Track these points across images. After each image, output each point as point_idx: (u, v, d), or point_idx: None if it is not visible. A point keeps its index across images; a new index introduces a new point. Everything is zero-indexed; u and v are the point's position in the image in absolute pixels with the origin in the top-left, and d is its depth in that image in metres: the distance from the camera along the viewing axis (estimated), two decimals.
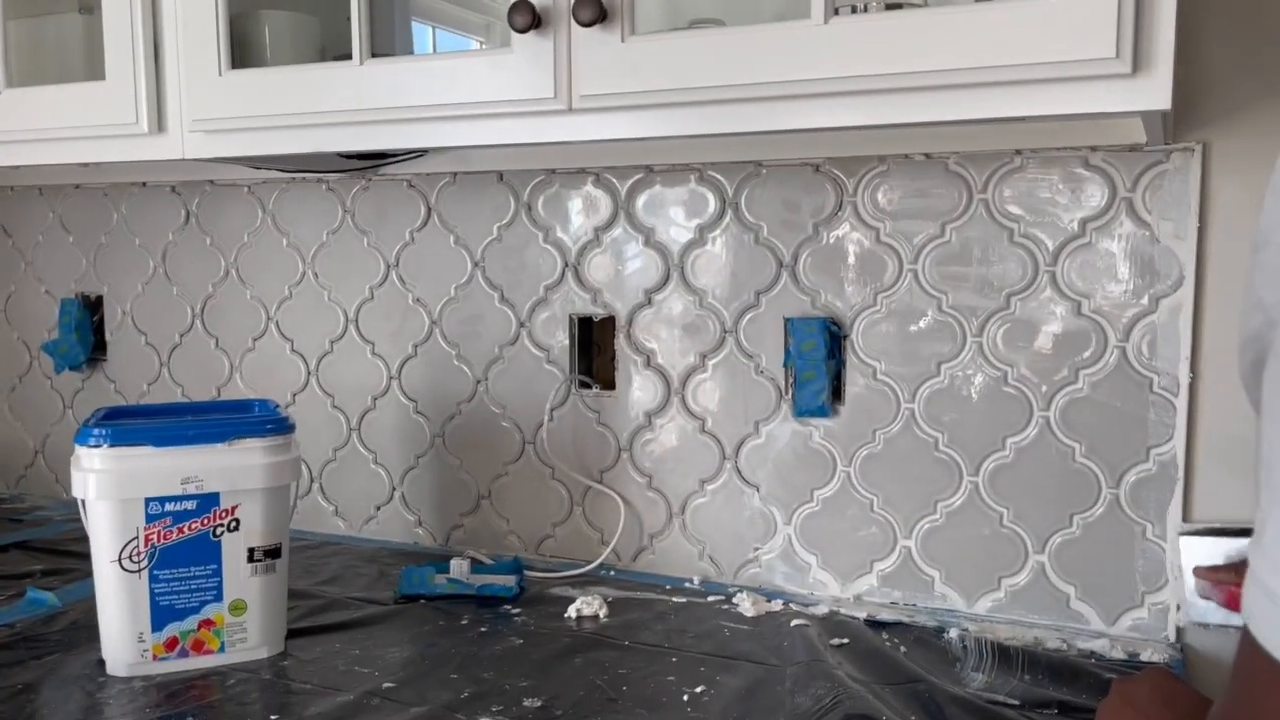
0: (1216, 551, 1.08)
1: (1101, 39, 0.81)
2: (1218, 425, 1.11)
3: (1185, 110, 1.08)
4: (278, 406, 1.19)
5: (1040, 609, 1.19)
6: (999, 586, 1.21)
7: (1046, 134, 1.14)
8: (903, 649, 1.11)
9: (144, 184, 1.68)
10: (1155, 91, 0.82)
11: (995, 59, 0.85)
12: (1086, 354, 1.15)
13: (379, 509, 1.55)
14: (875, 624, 1.19)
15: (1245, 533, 1.06)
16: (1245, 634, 0.49)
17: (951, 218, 1.20)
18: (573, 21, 0.98)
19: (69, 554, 1.45)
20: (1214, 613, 1.08)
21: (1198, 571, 1.07)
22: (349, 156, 1.41)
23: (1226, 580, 1.02)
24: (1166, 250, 1.11)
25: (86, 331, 1.74)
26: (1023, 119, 1.02)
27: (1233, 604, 1.01)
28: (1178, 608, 1.13)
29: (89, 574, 1.08)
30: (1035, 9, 0.84)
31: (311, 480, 1.59)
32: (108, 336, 1.74)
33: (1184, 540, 1.11)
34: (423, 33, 1.38)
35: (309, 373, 1.58)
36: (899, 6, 0.94)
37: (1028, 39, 0.84)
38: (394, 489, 1.54)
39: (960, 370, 1.20)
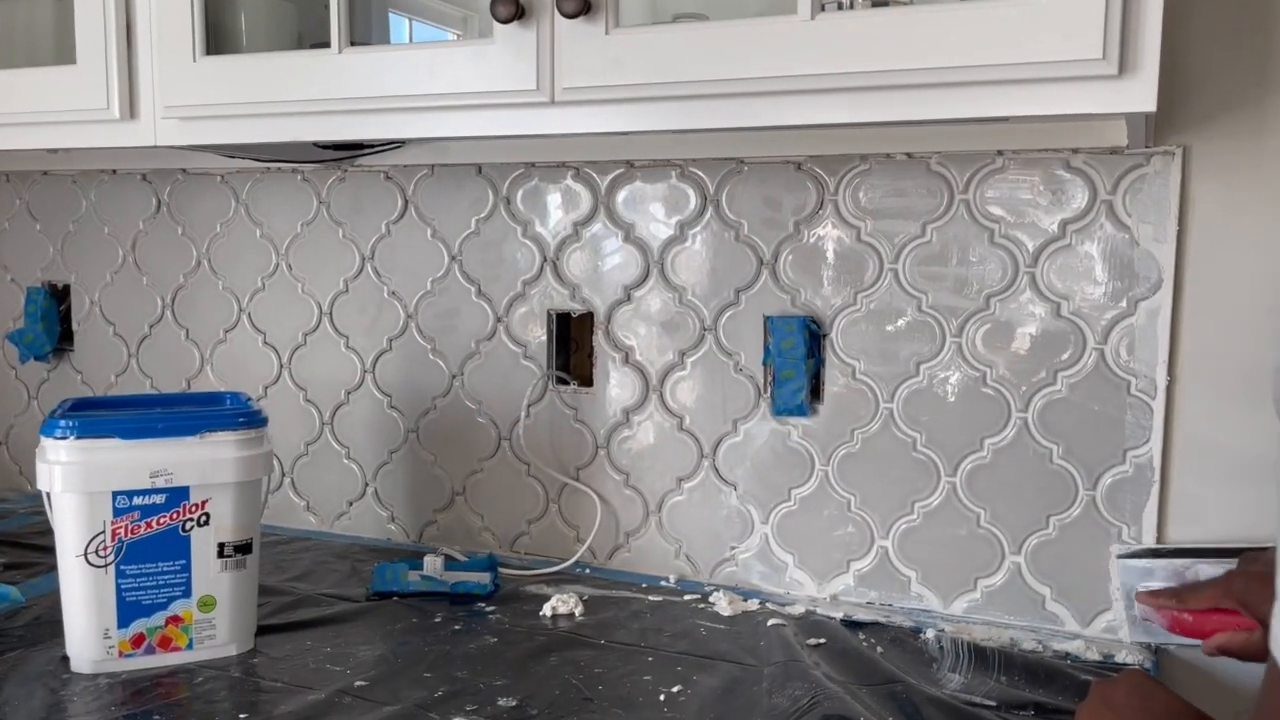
0: (1156, 573, 1.07)
1: (1088, 39, 0.81)
2: (1195, 428, 1.12)
3: (1166, 114, 1.09)
4: (250, 399, 1.17)
5: (1016, 610, 1.19)
6: (975, 587, 1.21)
7: (1028, 135, 1.14)
8: (879, 649, 1.11)
9: (114, 171, 1.65)
10: (1141, 93, 0.82)
11: (982, 58, 0.85)
12: (1065, 356, 1.15)
13: (351, 505, 1.53)
14: (852, 624, 1.18)
15: (1182, 553, 1.07)
16: (1272, 665, 0.50)
17: (932, 218, 1.19)
18: (556, 13, 0.97)
19: (33, 547, 1.42)
20: (1158, 634, 1.06)
21: (1139, 596, 1.05)
22: (325, 147, 1.39)
23: (1168, 605, 1.00)
24: (1146, 253, 1.12)
25: (53, 321, 1.71)
26: (1006, 119, 1.03)
27: (1176, 628, 0.99)
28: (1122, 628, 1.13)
29: (53, 568, 1.06)
30: (1022, 9, 0.83)
31: (283, 475, 1.57)
32: (74, 326, 1.70)
33: (1122, 563, 1.10)
34: (399, 24, 1.36)
35: (281, 365, 1.56)
36: (885, 4, 0.94)
37: (1014, 38, 0.84)
38: (367, 484, 1.52)
39: (939, 370, 1.20)
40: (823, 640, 1.13)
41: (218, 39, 1.22)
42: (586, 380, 1.39)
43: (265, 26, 1.27)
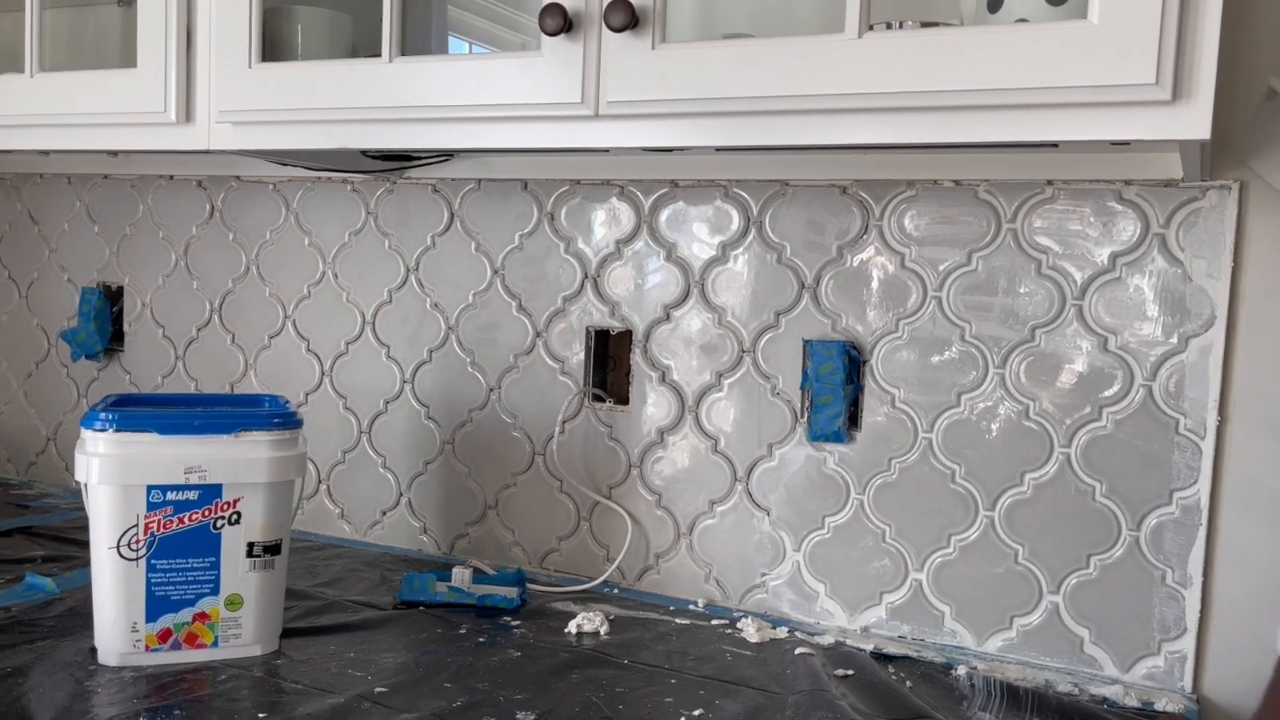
0: None
1: (1141, 64, 0.79)
2: (1245, 471, 1.08)
3: (1222, 147, 1.06)
4: (287, 402, 1.18)
5: (1052, 651, 1.16)
6: (1011, 626, 1.18)
7: (1080, 165, 1.12)
8: (909, 684, 1.08)
9: (171, 177, 1.68)
10: (1195, 120, 0.80)
11: (1031, 80, 0.83)
12: (1111, 391, 1.12)
13: (385, 514, 1.54)
14: (882, 657, 1.16)
15: None
16: None
17: (979, 246, 1.18)
18: (604, 26, 0.98)
19: (72, 541, 1.44)
20: None
21: None
22: (375, 157, 1.41)
23: None
24: (1199, 289, 1.09)
25: (105, 321, 1.74)
26: (1056, 145, 1.01)
27: None
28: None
29: (89, 562, 1.07)
30: (1074, 31, 0.82)
31: (319, 482, 1.58)
32: (126, 327, 1.74)
33: None
34: (459, 48, 1.39)
35: (323, 373, 1.57)
36: (934, 24, 0.93)
37: (1065, 61, 0.82)
38: (401, 494, 1.52)
39: (981, 402, 1.18)
40: (851, 672, 1.10)
41: (275, 48, 1.24)
42: (623, 398, 1.38)
43: (321, 37, 1.30)
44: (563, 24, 0.98)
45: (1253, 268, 1.08)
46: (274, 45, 1.24)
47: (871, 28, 0.90)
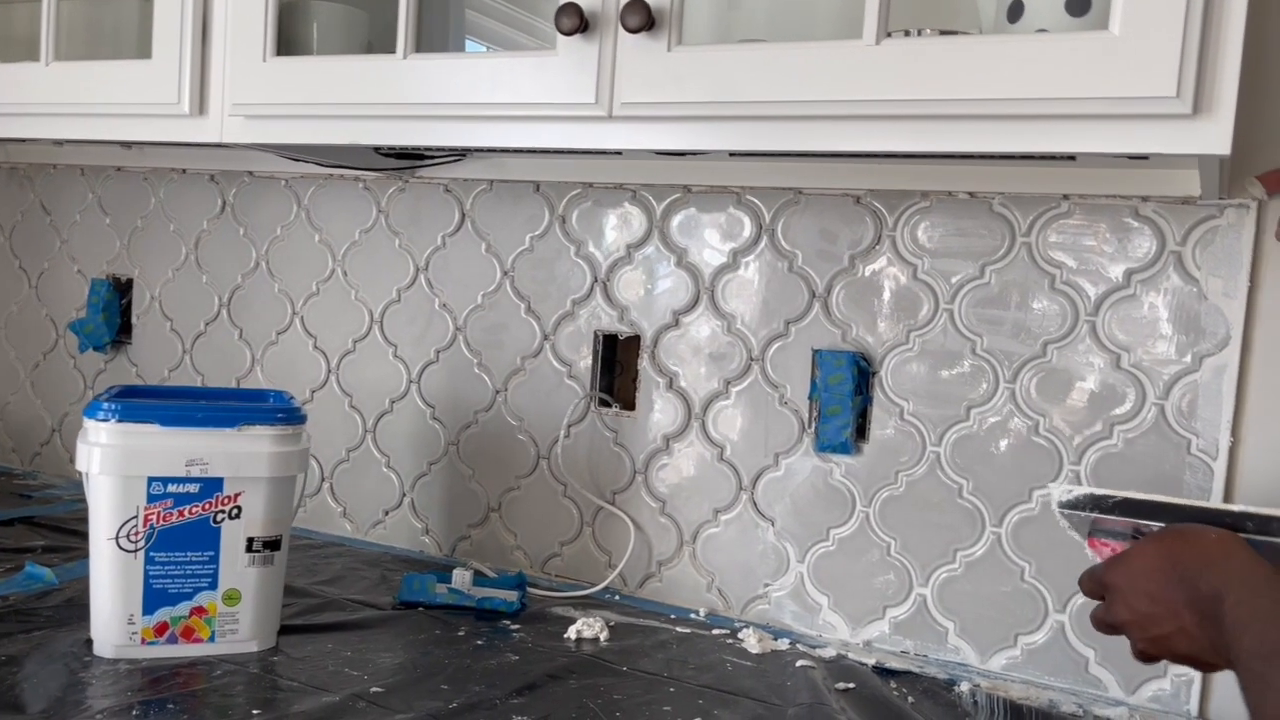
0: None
1: (1162, 76, 0.79)
2: (1257, 493, 1.07)
3: (1241, 166, 1.05)
4: (291, 398, 1.18)
5: (1057, 671, 1.14)
6: (1015, 644, 1.16)
7: (1096, 180, 1.11)
8: (910, 699, 1.07)
9: (184, 171, 1.68)
10: (1216, 135, 0.79)
11: (1049, 90, 0.83)
12: (1123, 409, 1.11)
13: (387, 514, 1.53)
14: (883, 671, 1.14)
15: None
16: None
17: (992, 259, 1.17)
18: (620, 27, 0.97)
19: (73, 533, 1.43)
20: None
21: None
22: (387, 155, 1.41)
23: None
24: (1214, 308, 1.08)
25: (114, 313, 1.74)
26: (1074, 158, 1.00)
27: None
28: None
29: (89, 554, 1.07)
30: (1095, 42, 0.81)
31: (322, 479, 1.57)
32: (134, 320, 1.73)
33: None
34: (476, 52, 1.38)
35: (329, 370, 1.57)
36: (953, 32, 0.92)
37: (1085, 72, 0.82)
38: (404, 494, 1.52)
39: (990, 416, 1.17)
40: (852, 685, 1.09)
41: (290, 42, 1.24)
42: (629, 404, 1.37)
43: (337, 33, 1.29)
44: (579, 23, 0.98)
45: (1269, 287, 1.06)
46: (289, 40, 1.24)
47: (890, 35, 0.90)
